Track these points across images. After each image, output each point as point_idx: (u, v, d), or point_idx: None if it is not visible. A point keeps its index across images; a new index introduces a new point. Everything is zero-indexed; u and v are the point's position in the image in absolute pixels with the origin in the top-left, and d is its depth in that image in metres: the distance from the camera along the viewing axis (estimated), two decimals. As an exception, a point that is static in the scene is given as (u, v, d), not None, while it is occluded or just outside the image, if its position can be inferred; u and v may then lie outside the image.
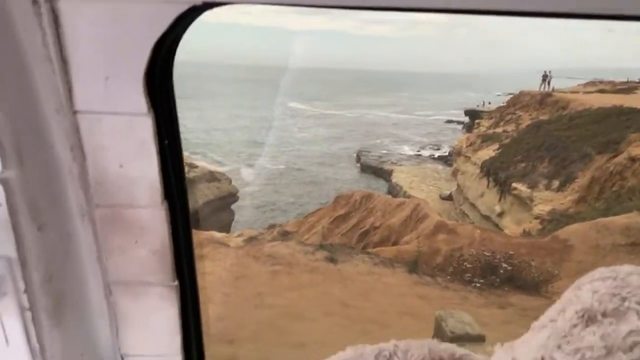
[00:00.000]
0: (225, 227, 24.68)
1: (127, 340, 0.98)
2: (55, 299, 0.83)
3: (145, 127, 0.80)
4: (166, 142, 0.85)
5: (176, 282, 0.94)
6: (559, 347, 0.48)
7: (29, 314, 0.79)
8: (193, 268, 1.01)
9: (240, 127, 62.98)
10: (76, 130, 0.80)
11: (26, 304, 0.78)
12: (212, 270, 5.40)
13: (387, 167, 40.81)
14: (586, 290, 0.53)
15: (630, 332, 0.46)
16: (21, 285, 0.76)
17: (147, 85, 0.78)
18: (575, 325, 0.49)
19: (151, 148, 0.82)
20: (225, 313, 4.33)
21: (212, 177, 25.42)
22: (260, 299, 4.49)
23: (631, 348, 0.44)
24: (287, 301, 4.49)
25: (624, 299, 0.50)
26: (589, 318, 0.49)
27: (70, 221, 0.85)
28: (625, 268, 0.55)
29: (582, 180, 16.60)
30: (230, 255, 5.84)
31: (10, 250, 0.74)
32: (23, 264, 0.76)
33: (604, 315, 0.49)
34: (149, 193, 0.85)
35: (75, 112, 0.78)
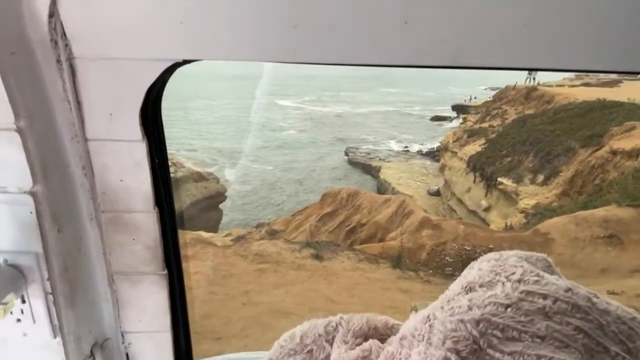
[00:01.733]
0: (214, 227, 24.65)
1: (126, 319, 1.23)
2: (70, 285, 1.07)
3: (140, 150, 1.03)
4: (156, 161, 1.08)
5: (165, 272, 1.17)
6: (442, 307, 0.62)
7: (51, 298, 1.03)
8: (179, 260, 1.24)
9: (227, 124, 62.67)
10: (87, 153, 1.04)
11: (49, 289, 1.02)
12: (200, 269, 5.48)
13: (375, 163, 40.96)
14: (475, 268, 0.67)
15: (490, 296, 0.59)
16: (45, 275, 1.00)
17: (142, 118, 1.01)
18: (458, 294, 0.64)
19: (145, 166, 1.05)
20: (213, 311, 4.42)
21: (200, 176, 25.36)
22: (247, 296, 4.59)
23: (485, 306, 0.58)
24: (274, 298, 4.60)
25: (497, 274, 0.63)
26: (469, 289, 0.63)
27: (82, 224, 1.10)
28: (510, 253, 0.70)
29: (566, 174, 16.89)
30: (218, 255, 5.92)
31: (38, 247, 0.98)
32: (47, 258, 0.99)
33: (480, 286, 0.63)
34: (143, 201, 1.09)
35: (86, 140, 1.02)
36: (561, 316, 0.58)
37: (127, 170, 1.05)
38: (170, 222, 1.17)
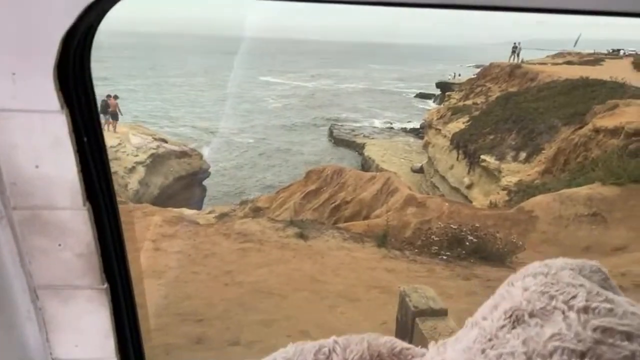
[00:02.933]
0: (197, 203, 24.43)
1: (58, 345, 0.98)
2: None
3: (59, 124, 0.76)
4: (85, 139, 0.81)
5: (106, 285, 0.93)
6: (483, 351, 0.47)
7: None
8: (126, 269, 1.00)
9: (210, 100, 61.85)
10: None
11: None
12: (181, 249, 5.35)
13: (359, 140, 40.92)
14: (518, 287, 0.52)
15: (553, 336, 0.44)
16: None
17: (60, 80, 0.74)
18: (502, 327, 0.48)
19: (67, 147, 0.78)
20: (194, 292, 4.32)
21: (183, 152, 24.98)
22: (229, 276, 4.48)
23: (551, 354, 0.42)
24: (257, 278, 4.50)
25: (552, 297, 0.48)
26: (516, 318, 0.48)
27: None
28: (558, 262, 0.55)
29: (548, 151, 17.01)
30: (200, 234, 5.79)
31: None
32: None
33: (531, 315, 0.47)
34: (69, 194, 0.82)
35: None
36: None
37: (43, 153, 0.78)
38: (110, 221, 0.91)
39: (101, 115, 21.52)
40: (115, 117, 21.25)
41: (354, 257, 5.20)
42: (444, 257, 5.22)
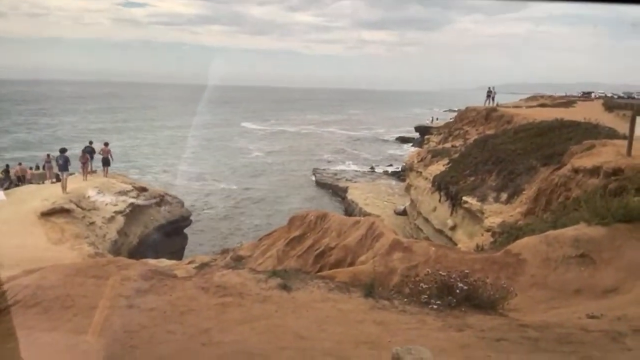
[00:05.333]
0: (178, 253, 23.81)
1: None
2: None
3: None
4: None
5: None
6: None
7: None
8: None
9: (192, 147, 61.82)
10: None
11: None
12: (156, 305, 5.02)
13: (342, 184, 41.05)
14: None
15: None
16: None
17: None
18: None
19: None
20: (170, 354, 3.98)
21: (163, 200, 24.54)
22: (207, 336, 4.17)
23: None
24: (237, 337, 4.19)
25: None
26: None
27: None
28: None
29: (529, 192, 17.13)
30: (177, 288, 5.47)
31: None
32: None
33: None
34: None
35: None
36: None
37: None
38: None
39: (81, 164, 21.38)
40: (107, 163, 22.41)
41: (340, 310, 4.93)
42: (434, 307, 4.99)
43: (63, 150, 19.93)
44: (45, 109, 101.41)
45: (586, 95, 55.14)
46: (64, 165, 19.37)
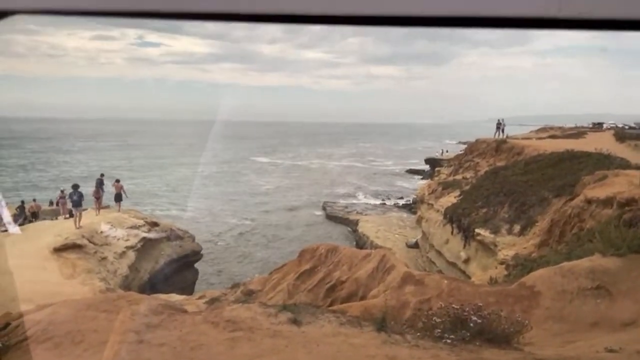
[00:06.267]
0: (189, 287, 23.71)
1: None
2: None
3: None
4: None
5: None
6: None
7: None
8: None
9: (204, 182, 62.34)
10: None
11: None
12: (166, 340, 4.99)
13: (352, 217, 40.87)
14: None
15: None
16: None
17: None
18: None
19: None
20: (179, 390, 3.94)
21: (174, 235, 24.62)
22: (217, 371, 4.13)
23: None
24: (247, 372, 4.15)
25: None
26: None
27: None
28: None
29: (542, 223, 16.91)
30: (187, 322, 5.44)
31: None
32: None
33: None
34: None
35: None
36: None
37: None
38: None
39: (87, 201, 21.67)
40: (119, 198, 22.96)
41: (351, 344, 4.85)
42: (448, 341, 4.89)
43: (76, 187, 20.25)
44: (59, 146, 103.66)
45: (597, 126, 54.92)
46: (78, 201, 19.65)
